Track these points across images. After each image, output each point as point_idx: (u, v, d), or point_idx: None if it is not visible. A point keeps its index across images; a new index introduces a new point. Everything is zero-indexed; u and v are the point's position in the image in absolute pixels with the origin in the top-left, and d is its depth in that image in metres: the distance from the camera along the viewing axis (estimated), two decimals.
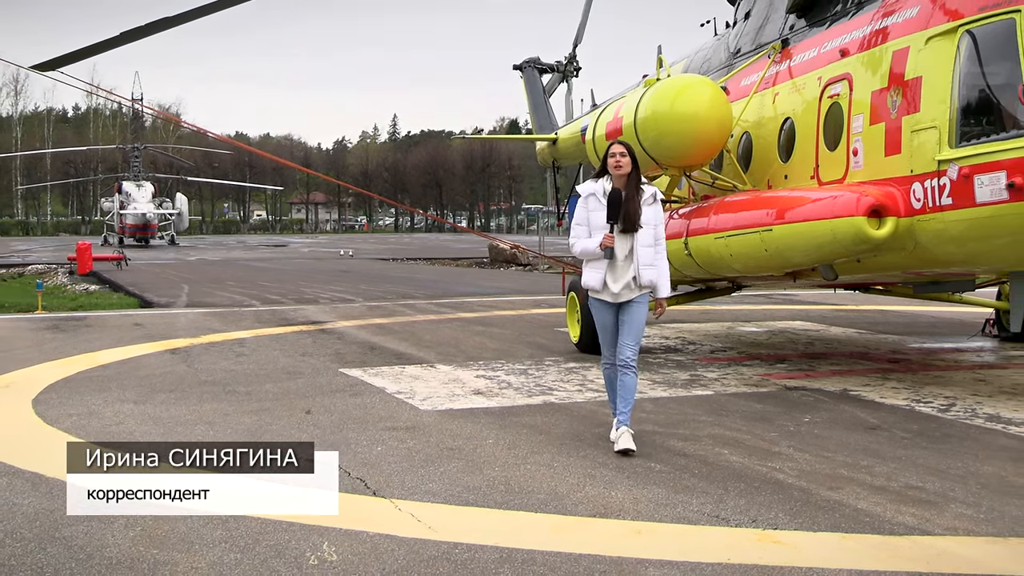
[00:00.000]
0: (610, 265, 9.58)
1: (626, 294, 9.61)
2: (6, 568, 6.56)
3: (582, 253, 9.76)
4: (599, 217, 9.58)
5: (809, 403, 12.22)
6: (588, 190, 9.78)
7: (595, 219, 9.63)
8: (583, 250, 9.71)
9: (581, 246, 9.73)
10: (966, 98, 11.51)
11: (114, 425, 11.01)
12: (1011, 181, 10.82)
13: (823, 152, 13.73)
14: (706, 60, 18.46)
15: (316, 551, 6.83)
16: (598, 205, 9.63)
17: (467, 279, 37.92)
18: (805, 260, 13.38)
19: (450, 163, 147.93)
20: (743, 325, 20.84)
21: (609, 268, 9.59)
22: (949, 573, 6.37)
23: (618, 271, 9.59)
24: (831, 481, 8.60)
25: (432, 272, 43.38)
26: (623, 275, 9.58)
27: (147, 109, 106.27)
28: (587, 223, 9.71)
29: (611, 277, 9.60)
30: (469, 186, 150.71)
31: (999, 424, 10.89)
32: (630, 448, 9.29)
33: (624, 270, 9.59)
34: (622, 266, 9.59)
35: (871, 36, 13.08)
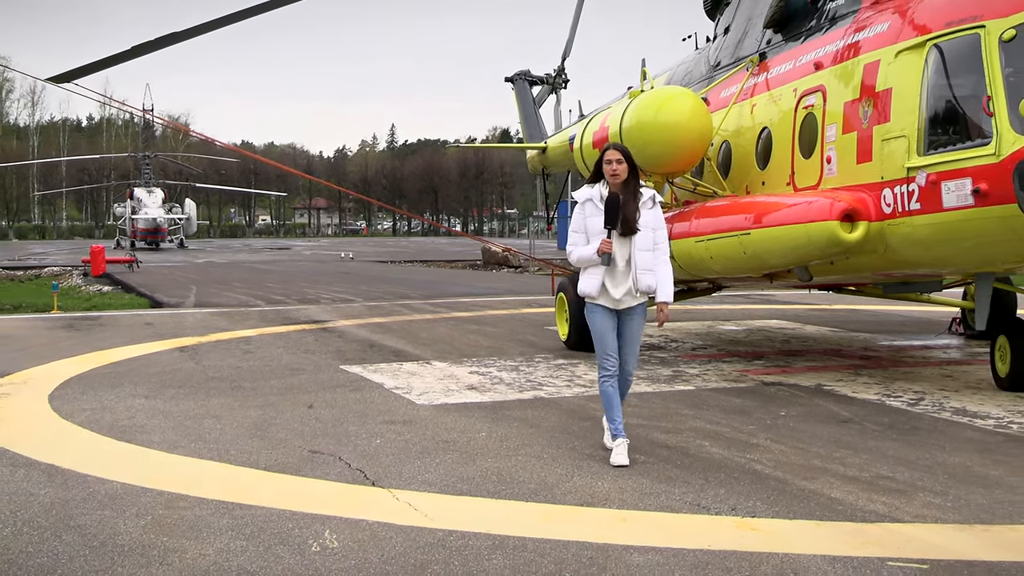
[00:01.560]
0: (609, 271, 8.87)
1: (627, 300, 8.94)
2: (24, 554, 6.55)
3: (579, 260, 9.03)
4: (597, 223, 8.88)
5: (785, 397, 12.24)
6: (584, 196, 9.06)
7: (592, 225, 8.92)
8: (580, 257, 9.00)
9: (578, 253, 9.01)
10: (934, 109, 11.53)
11: (126, 419, 11.00)
12: (976, 187, 10.84)
13: (798, 160, 13.74)
14: (688, 73, 18.48)
15: (318, 538, 6.84)
16: (595, 210, 8.92)
17: (461, 280, 37.89)
18: (781, 262, 13.39)
19: (445, 170, 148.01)
20: (723, 324, 20.85)
21: (608, 274, 8.88)
22: (918, 558, 6.37)
23: (618, 277, 8.89)
24: (806, 471, 8.61)
25: (428, 274, 43.36)
26: (623, 281, 8.90)
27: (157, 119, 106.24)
28: (584, 229, 9.00)
29: (611, 283, 8.89)
30: (463, 192, 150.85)
31: (965, 417, 10.91)
32: (624, 463, 8.65)
33: (624, 276, 8.90)
34: (622, 272, 8.90)
35: (844, 50, 13.10)
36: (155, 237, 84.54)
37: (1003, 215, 10.70)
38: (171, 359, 15.85)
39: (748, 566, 6.27)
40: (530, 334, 19.09)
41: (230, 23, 15.76)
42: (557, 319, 17.50)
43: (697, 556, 6.45)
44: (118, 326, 20.95)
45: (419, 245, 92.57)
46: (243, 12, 15.64)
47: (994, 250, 11.35)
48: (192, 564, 6.36)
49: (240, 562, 6.38)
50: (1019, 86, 10.67)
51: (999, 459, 9.01)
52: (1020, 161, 10.44)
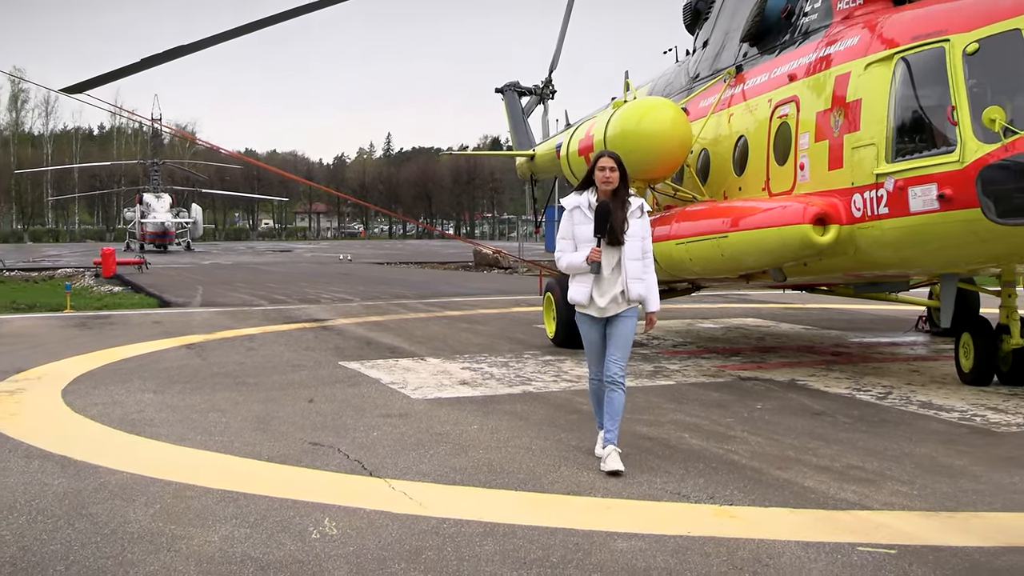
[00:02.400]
0: (596, 279, 8.38)
1: (612, 308, 8.40)
2: (38, 542, 6.54)
3: (568, 268, 8.52)
4: (585, 231, 8.38)
5: (761, 392, 12.25)
6: (573, 203, 8.54)
7: (581, 232, 8.42)
8: (569, 264, 8.48)
9: (567, 260, 8.51)
10: (901, 118, 11.56)
11: (135, 413, 10.98)
12: (941, 193, 10.87)
13: (773, 166, 13.76)
14: (669, 84, 18.49)
15: (318, 526, 6.83)
16: (583, 218, 8.43)
17: (454, 281, 37.88)
18: (757, 264, 13.41)
19: (439, 176, 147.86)
20: (702, 322, 20.87)
21: (595, 282, 8.39)
22: (886, 544, 6.38)
23: (604, 285, 8.39)
24: (781, 462, 8.63)
25: (423, 275, 43.33)
26: (609, 289, 8.38)
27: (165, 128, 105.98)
28: (572, 236, 8.50)
29: (597, 291, 8.39)
30: (456, 197, 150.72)
31: (931, 410, 10.93)
32: (619, 469, 8.15)
33: (611, 284, 8.38)
34: (609, 280, 8.38)
35: (816, 63, 13.13)
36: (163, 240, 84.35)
37: (967, 219, 10.73)
38: (178, 356, 15.82)
39: (726, 551, 6.28)
40: (519, 332, 19.09)
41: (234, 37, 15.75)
42: (545, 318, 17.51)
43: (678, 542, 6.45)
44: (128, 325, 20.91)
45: (414, 247, 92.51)
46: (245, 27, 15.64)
47: (958, 252, 11.37)
48: (199, 550, 6.35)
49: (244, 548, 6.38)
50: (982, 97, 10.70)
51: (963, 450, 9.03)
52: (983, 168, 10.47)
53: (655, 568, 5.99)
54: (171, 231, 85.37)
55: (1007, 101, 10.52)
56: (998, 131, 10.29)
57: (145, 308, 25.55)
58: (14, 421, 10.57)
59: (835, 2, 13.57)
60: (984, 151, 10.50)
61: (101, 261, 41.46)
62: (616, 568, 6.00)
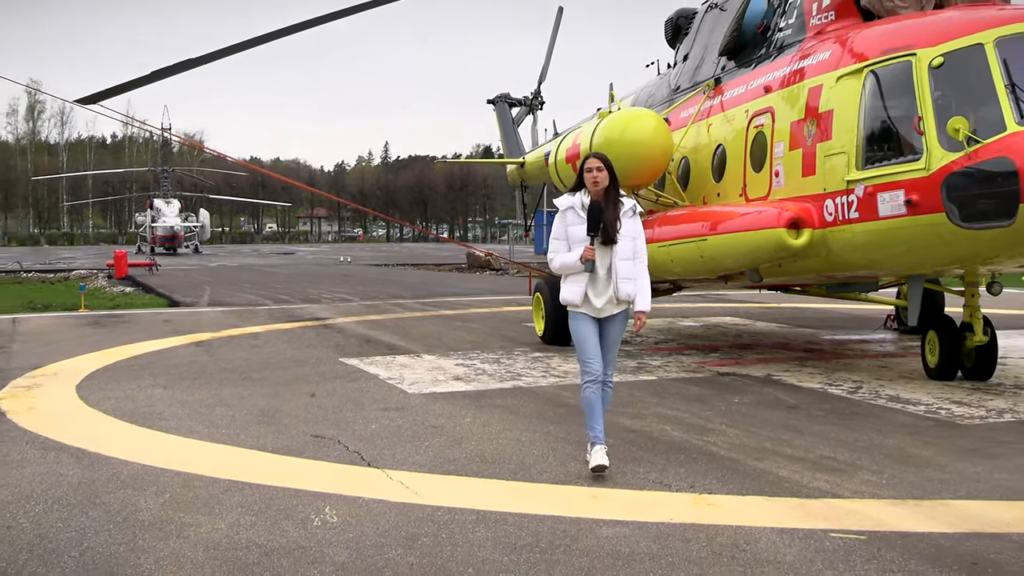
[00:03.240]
0: (591, 279, 7.98)
1: (609, 308, 8.03)
2: (54, 529, 6.53)
3: (562, 268, 8.08)
4: (578, 231, 7.98)
5: (738, 386, 12.25)
6: (566, 204, 8.15)
7: (574, 233, 8.02)
8: (563, 264, 8.05)
9: (560, 260, 8.08)
10: (871, 128, 11.59)
11: (146, 407, 10.96)
12: (908, 198, 10.90)
13: (750, 173, 13.78)
14: (651, 95, 18.50)
15: (319, 514, 6.83)
16: (577, 219, 8.03)
17: (448, 282, 37.87)
18: (735, 265, 13.43)
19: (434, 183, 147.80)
20: (683, 320, 20.88)
21: (590, 282, 7.99)
22: (856, 530, 6.39)
23: (599, 285, 8.00)
24: (757, 453, 8.63)
25: (418, 276, 43.31)
26: (604, 290, 7.99)
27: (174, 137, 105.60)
28: (566, 237, 8.10)
29: (592, 292, 7.99)
30: (450, 203, 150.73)
31: (899, 404, 10.94)
32: (603, 464, 7.81)
33: (605, 284, 7.99)
34: (603, 280, 7.99)
35: (790, 75, 13.14)
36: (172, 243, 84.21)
37: (932, 223, 10.76)
38: (187, 353, 15.80)
39: (705, 537, 6.28)
40: (510, 330, 19.08)
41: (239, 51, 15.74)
42: (534, 316, 17.51)
43: (659, 528, 6.46)
44: (139, 323, 20.87)
45: (410, 250, 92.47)
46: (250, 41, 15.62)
47: (924, 254, 11.39)
48: (206, 537, 6.35)
49: (249, 535, 6.37)
50: (946, 108, 10.73)
51: (929, 441, 9.05)
52: (947, 175, 10.50)
53: (638, 553, 6.00)
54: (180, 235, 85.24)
55: (970, 112, 10.54)
56: (962, 140, 10.32)
57: (155, 308, 25.51)
58: (31, 415, 10.55)
59: (808, 18, 13.59)
60: (948, 159, 10.53)
61: (114, 263, 41.41)
62: (602, 553, 6.00)
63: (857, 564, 5.78)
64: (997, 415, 10.27)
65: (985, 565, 5.74)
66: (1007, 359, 14.09)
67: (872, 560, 5.84)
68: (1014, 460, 8.31)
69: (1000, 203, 10.13)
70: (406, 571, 5.73)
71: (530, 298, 18.78)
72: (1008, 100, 10.29)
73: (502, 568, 5.76)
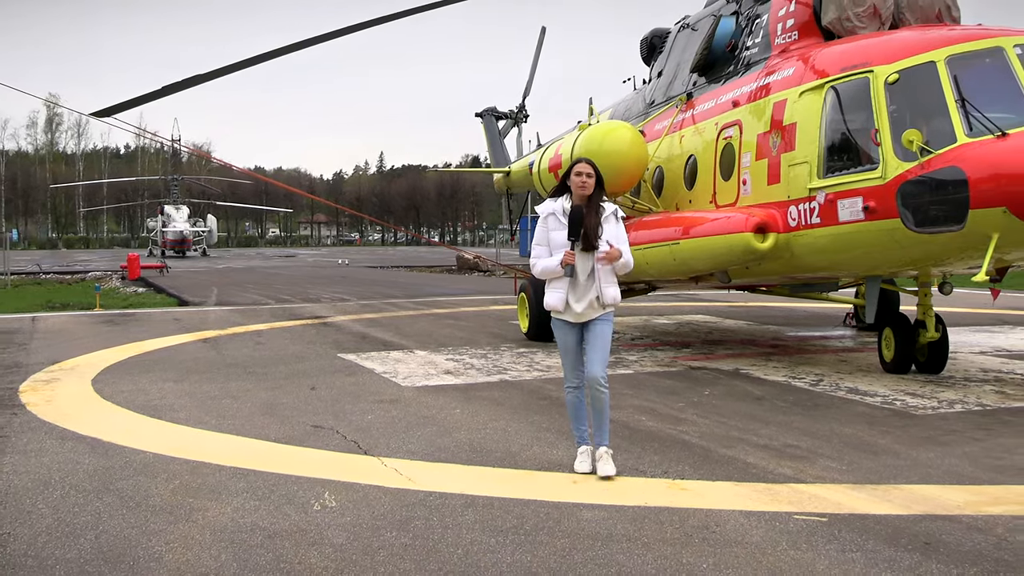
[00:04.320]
0: (571, 284, 7.53)
1: (589, 313, 7.55)
2: (71, 513, 6.52)
3: (543, 273, 7.66)
4: (560, 236, 7.56)
5: (709, 379, 12.27)
6: (547, 209, 7.73)
7: (555, 238, 7.60)
8: (544, 269, 7.62)
9: (542, 265, 7.64)
10: (831, 139, 11.62)
11: (157, 399, 10.94)
12: (866, 205, 10.93)
13: (719, 182, 13.79)
14: (628, 109, 18.51)
15: (319, 499, 6.82)
16: (558, 224, 7.60)
17: (439, 283, 37.85)
18: (705, 267, 13.44)
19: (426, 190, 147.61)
20: (657, 318, 20.90)
21: (571, 287, 7.54)
22: (818, 512, 6.41)
23: (580, 290, 7.54)
24: (726, 441, 8.65)
25: (411, 277, 43.26)
26: (585, 294, 7.53)
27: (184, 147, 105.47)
28: (547, 242, 7.67)
29: (573, 297, 7.54)
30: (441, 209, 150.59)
31: (857, 395, 10.97)
32: (612, 474, 7.37)
33: (586, 289, 7.53)
34: (584, 285, 7.53)
35: (757, 91, 13.16)
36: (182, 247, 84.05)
37: (888, 228, 10.80)
38: (196, 349, 15.76)
39: (678, 519, 6.29)
40: (496, 327, 19.07)
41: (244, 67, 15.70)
42: (519, 315, 17.51)
43: (636, 511, 6.47)
44: (151, 322, 20.81)
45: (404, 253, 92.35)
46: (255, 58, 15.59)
47: (881, 257, 11.42)
48: (213, 521, 6.33)
49: (253, 519, 6.36)
50: (901, 121, 10.77)
51: (885, 430, 9.07)
52: (902, 183, 10.54)
53: (616, 534, 6.00)
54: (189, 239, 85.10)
55: (923, 124, 10.58)
56: (915, 151, 10.35)
57: (166, 307, 25.43)
58: (50, 407, 10.52)
59: (773, 37, 13.62)
60: (903, 168, 10.56)
61: (127, 265, 41.25)
62: (582, 535, 6.01)
63: (819, 544, 5.80)
64: (948, 406, 10.30)
65: (937, 544, 5.77)
66: (957, 354, 14.14)
67: (833, 540, 5.86)
68: (963, 447, 8.35)
69: (951, 209, 10.17)
70: (400, 552, 5.72)
71: (515, 298, 18.79)
72: (958, 114, 10.32)
73: (489, 549, 5.76)
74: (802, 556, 5.60)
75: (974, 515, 6.35)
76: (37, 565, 5.57)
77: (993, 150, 9.93)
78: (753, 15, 14.46)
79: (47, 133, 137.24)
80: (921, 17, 12.61)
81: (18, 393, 11.47)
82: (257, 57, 15.58)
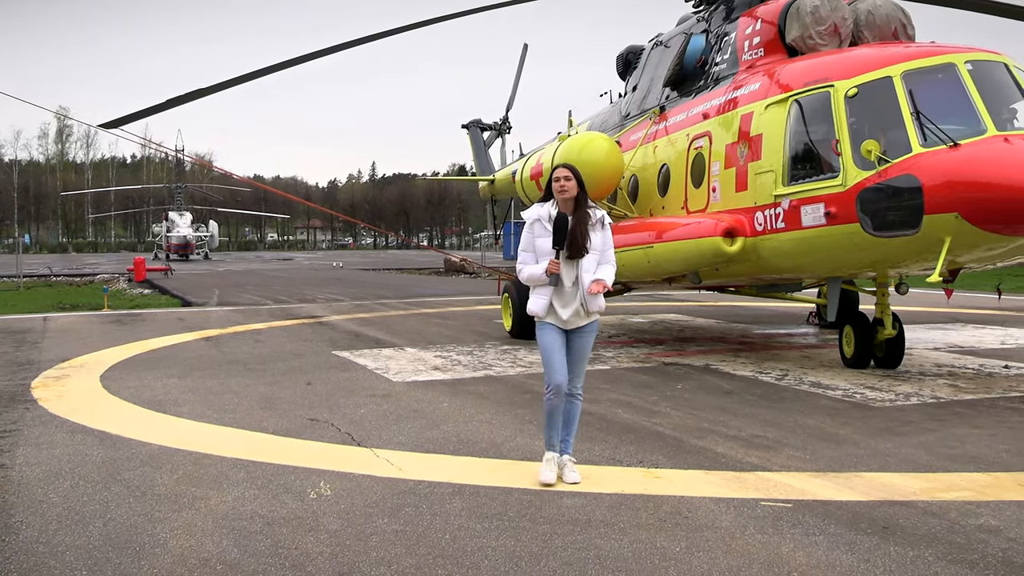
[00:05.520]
0: (556, 291, 6.99)
1: (575, 321, 7.02)
2: (80, 502, 6.48)
3: (528, 280, 7.07)
4: (545, 243, 6.99)
5: (681, 374, 12.29)
6: (533, 215, 7.12)
7: (541, 245, 7.02)
8: (529, 276, 7.04)
9: (528, 272, 7.06)
10: (795, 149, 11.66)
11: (162, 395, 10.89)
12: (828, 211, 10.98)
13: (690, 189, 13.82)
14: (604, 121, 18.54)
15: (315, 488, 6.80)
16: (543, 231, 7.03)
17: (428, 284, 37.79)
18: (678, 269, 13.47)
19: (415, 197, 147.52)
20: (632, 317, 20.92)
21: (556, 294, 6.99)
22: (784, 499, 6.42)
23: (566, 297, 6.98)
24: (697, 432, 8.66)
25: (401, 279, 43.18)
26: (571, 301, 6.97)
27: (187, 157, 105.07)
28: (533, 249, 7.09)
29: (559, 303, 6.98)
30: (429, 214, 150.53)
31: (819, 389, 11.00)
32: (578, 480, 6.92)
33: (572, 296, 6.97)
34: (570, 292, 6.98)
35: (725, 104, 13.20)
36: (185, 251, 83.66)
37: (848, 232, 10.85)
38: (198, 347, 15.69)
39: (652, 506, 6.30)
40: (482, 326, 19.06)
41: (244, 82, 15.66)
42: (503, 314, 17.50)
43: (613, 499, 6.47)
44: (156, 321, 20.71)
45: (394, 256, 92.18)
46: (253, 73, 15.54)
47: (841, 259, 11.47)
48: (215, 508, 6.31)
49: (253, 507, 6.34)
50: (860, 132, 10.82)
51: (845, 421, 9.10)
52: (861, 190, 10.60)
53: (594, 520, 6.00)
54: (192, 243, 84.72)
55: (881, 135, 10.63)
56: (873, 160, 10.40)
57: (170, 307, 25.31)
58: (60, 402, 10.46)
59: (741, 54, 13.66)
60: (862, 176, 10.61)
61: (133, 268, 41.08)
62: (562, 520, 6.00)
63: (784, 528, 5.81)
64: (904, 398, 10.34)
65: (894, 528, 5.79)
66: (913, 350, 14.20)
67: (797, 525, 5.87)
68: (919, 437, 8.38)
69: (907, 215, 10.22)
70: (391, 537, 5.71)
71: (499, 298, 18.80)
72: (913, 125, 10.38)
73: (475, 534, 5.75)
74: (768, 539, 5.61)
75: (929, 501, 6.38)
76: (48, 551, 5.53)
77: (946, 159, 9.98)
78: (722, 33, 14.51)
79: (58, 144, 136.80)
80: (878, 35, 12.68)
81: (30, 389, 11.40)
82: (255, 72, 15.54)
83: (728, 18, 14.57)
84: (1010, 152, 9.80)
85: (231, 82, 15.67)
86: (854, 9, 12.79)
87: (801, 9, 12.68)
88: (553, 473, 6.93)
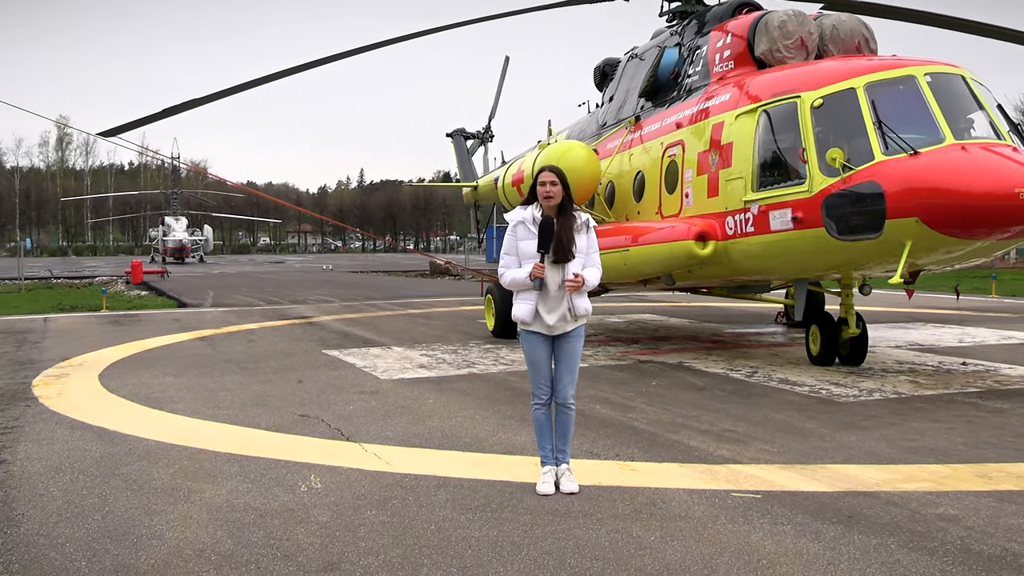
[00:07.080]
0: (541, 296, 6.49)
1: (562, 326, 6.53)
2: (80, 496, 6.45)
3: (512, 284, 6.57)
4: (529, 246, 6.50)
5: (655, 371, 12.31)
6: (517, 218, 6.63)
7: (525, 248, 6.53)
8: (513, 280, 6.54)
9: (511, 276, 6.55)
10: (763, 157, 11.70)
11: (159, 392, 10.84)
12: (795, 215, 11.02)
13: (664, 195, 13.85)
14: (582, 130, 18.55)
15: (306, 481, 6.78)
16: (527, 233, 6.54)
17: (413, 286, 37.74)
18: (652, 271, 13.50)
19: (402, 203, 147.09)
20: (609, 317, 20.95)
21: (541, 299, 6.50)
22: (753, 490, 6.44)
23: (551, 302, 6.49)
24: (671, 427, 8.67)
25: (388, 281, 43.11)
26: (557, 306, 6.49)
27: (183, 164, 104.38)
28: (516, 252, 6.59)
29: (544, 308, 6.49)
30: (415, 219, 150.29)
31: (787, 385, 11.04)
32: (576, 490, 6.45)
33: (558, 301, 6.49)
34: (555, 296, 6.49)
35: (698, 113, 13.23)
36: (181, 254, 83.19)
37: (814, 236, 10.90)
38: (193, 347, 15.62)
39: (628, 497, 6.31)
40: (465, 326, 19.04)
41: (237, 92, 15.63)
42: (486, 314, 17.50)
43: (591, 490, 6.47)
44: (153, 322, 20.61)
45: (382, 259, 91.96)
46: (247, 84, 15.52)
47: (808, 262, 11.52)
48: (210, 501, 6.28)
49: (246, 500, 6.32)
50: (825, 140, 10.87)
51: (812, 416, 9.13)
52: (826, 196, 10.65)
53: (573, 511, 6.00)
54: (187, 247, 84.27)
55: (845, 144, 10.68)
56: (838, 167, 10.46)
57: (166, 308, 25.19)
58: (60, 399, 10.40)
59: (712, 66, 13.70)
60: (827, 183, 10.67)
61: (131, 271, 40.89)
62: (542, 511, 6.00)
63: (754, 518, 5.83)
64: (867, 394, 10.39)
65: (858, 518, 5.81)
66: (876, 348, 14.27)
67: (766, 515, 5.89)
68: (881, 431, 8.42)
69: (870, 219, 10.29)
70: (379, 528, 5.70)
71: (482, 299, 18.78)
72: (876, 134, 10.44)
73: (459, 525, 5.75)
74: (739, 529, 5.63)
75: (891, 491, 6.41)
76: (49, 543, 5.50)
77: (907, 167, 10.05)
78: (694, 46, 14.55)
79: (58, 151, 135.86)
80: (843, 48, 12.73)
81: (31, 387, 11.34)
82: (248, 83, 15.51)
83: (700, 32, 14.62)
84: (967, 160, 9.89)
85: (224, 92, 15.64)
86: (820, 24, 12.85)
87: (769, 24, 12.74)
88: (551, 484, 6.51)
